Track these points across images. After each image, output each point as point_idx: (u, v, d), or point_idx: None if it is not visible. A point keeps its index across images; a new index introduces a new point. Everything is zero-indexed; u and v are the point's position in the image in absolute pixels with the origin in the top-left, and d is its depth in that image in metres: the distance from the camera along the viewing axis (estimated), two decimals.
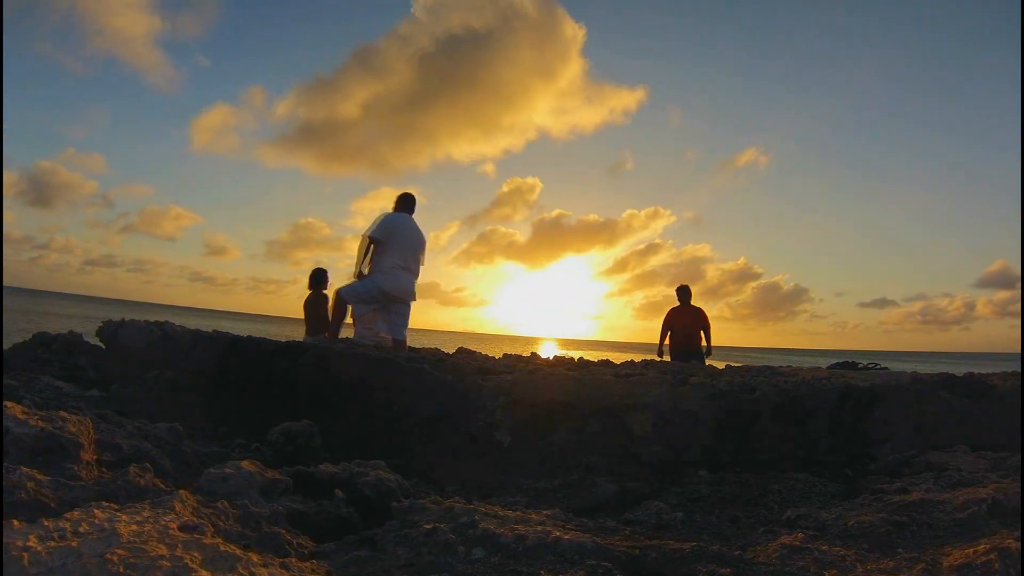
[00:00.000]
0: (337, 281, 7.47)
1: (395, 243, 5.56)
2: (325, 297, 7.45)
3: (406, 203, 5.93)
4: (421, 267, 5.77)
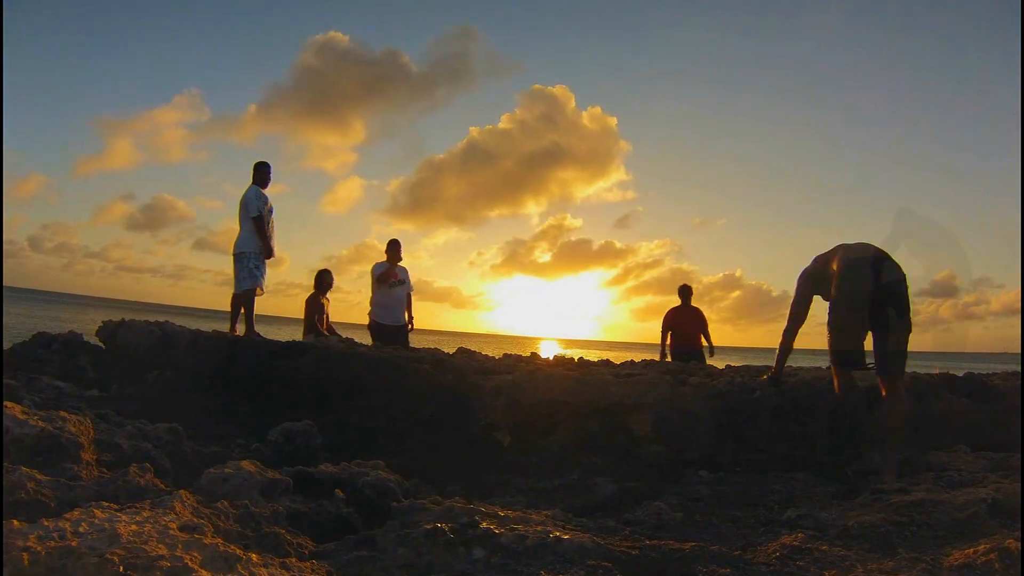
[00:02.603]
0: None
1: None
2: (326, 299, 7.46)
3: (254, 175, 6.61)
4: (253, 224, 6.37)
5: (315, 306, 7.31)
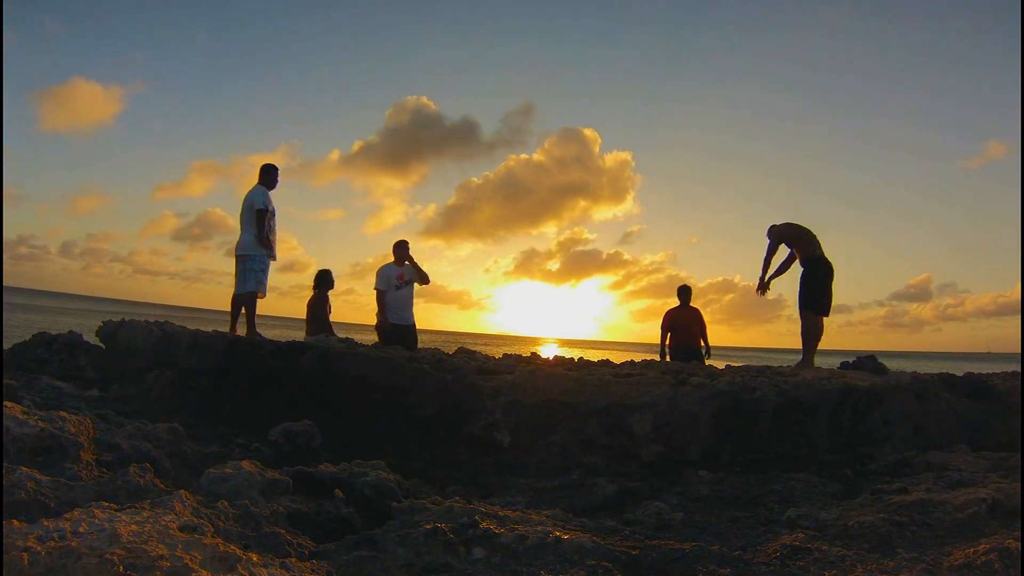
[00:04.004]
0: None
1: (240, 215, 6.29)
2: (327, 298, 7.48)
3: (260, 175, 6.43)
4: (255, 216, 6.16)
5: (317, 305, 7.36)
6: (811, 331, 5.92)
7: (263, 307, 6.37)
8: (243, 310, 6.22)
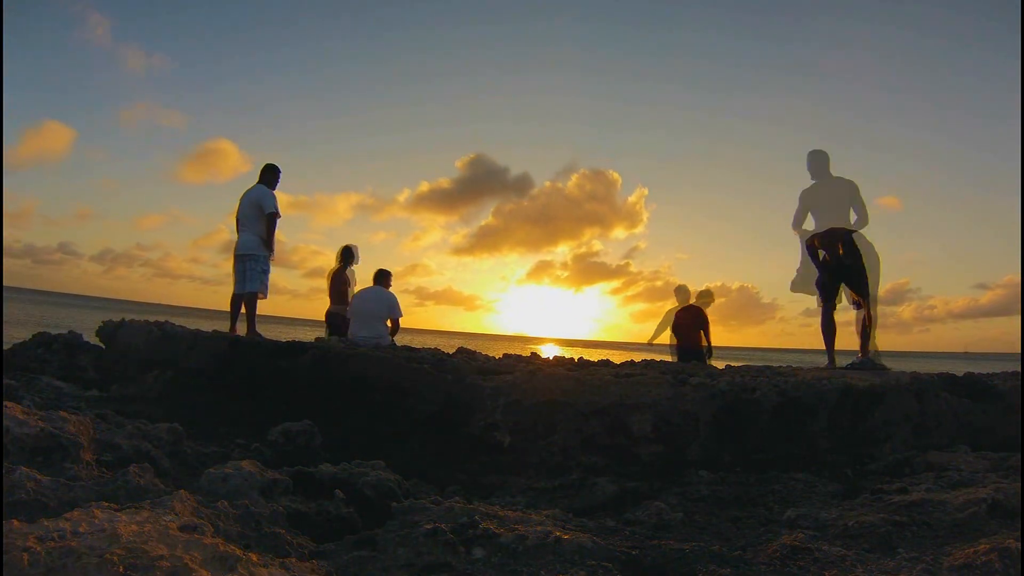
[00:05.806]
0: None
1: (240, 214, 6.38)
2: (348, 275, 7.81)
3: (261, 175, 6.47)
4: (266, 220, 6.23)
5: (339, 279, 7.70)
6: (821, 323, 5.28)
7: (268, 307, 6.46)
8: (243, 309, 6.24)
